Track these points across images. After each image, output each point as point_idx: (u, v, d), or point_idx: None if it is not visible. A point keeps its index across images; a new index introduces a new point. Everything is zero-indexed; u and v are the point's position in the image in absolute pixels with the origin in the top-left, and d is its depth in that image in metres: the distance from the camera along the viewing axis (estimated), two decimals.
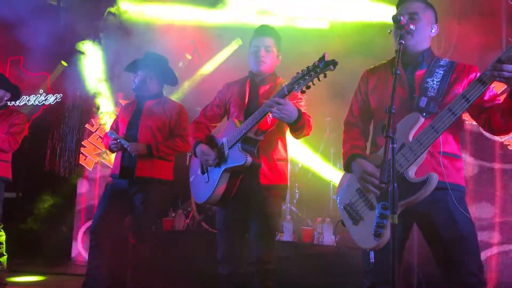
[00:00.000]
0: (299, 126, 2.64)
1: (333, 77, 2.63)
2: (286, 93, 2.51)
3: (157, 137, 3.67)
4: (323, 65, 2.35)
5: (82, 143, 6.97)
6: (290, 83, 2.49)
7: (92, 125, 6.96)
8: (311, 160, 5.36)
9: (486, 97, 2.13)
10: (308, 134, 2.79)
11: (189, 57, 6.49)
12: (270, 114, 2.61)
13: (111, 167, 3.88)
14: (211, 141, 2.96)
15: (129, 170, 3.59)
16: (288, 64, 3.14)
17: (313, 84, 2.43)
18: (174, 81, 4.00)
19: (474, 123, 2.65)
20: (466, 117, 2.73)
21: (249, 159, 2.64)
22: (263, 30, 2.97)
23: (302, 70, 2.44)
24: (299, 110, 2.59)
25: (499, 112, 2.07)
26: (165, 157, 3.67)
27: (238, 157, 2.68)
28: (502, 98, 2.10)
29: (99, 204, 3.72)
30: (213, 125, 3.15)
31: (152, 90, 3.81)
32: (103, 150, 6.76)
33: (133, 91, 3.88)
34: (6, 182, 4.23)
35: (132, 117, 3.75)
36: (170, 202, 5.20)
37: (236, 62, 5.68)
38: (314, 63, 2.40)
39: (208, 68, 6.49)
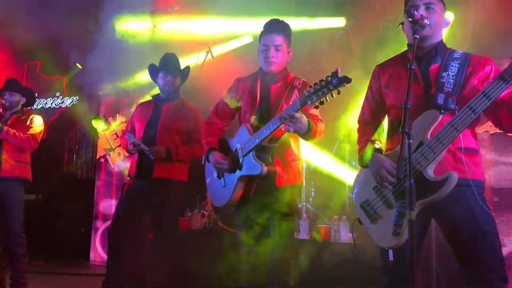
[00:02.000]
0: (310, 137, 2.64)
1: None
2: (299, 106, 2.47)
3: (175, 140, 3.69)
4: (336, 82, 2.27)
5: (98, 134, 7.03)
6: (303, 97, 2.43)
7: (115, 120, 7.00)
8: (325, 161, 5.31)
9: (501, 94, 2.02)
10: (320, 139, 2.77)
11: (202, 57, 6.50)
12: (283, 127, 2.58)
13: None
14: (225, 144, 2.94)
15: (147, 171, 3.61)
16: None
17: (327, 100, 2.36)
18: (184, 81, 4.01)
19: None
20: None
21: (265, 169, 2.63)
22: (273, 27, 2.86)
23: (315, 85, 2.38)
24: (310, 122, 2.56)
25: (507, 108, 2.04)
26: (182, 160, 3.69)
27: (253, 167, 2.67)
28: None
29: (117, 205, 3.75)
30: (225, 123, 3.08)
31: (176, 91, 3.85)
32: (112, 147, 6.84)
33: (161, 91, 3.88)
34: (26, 183, 4.30)
35: (151, 118, 3.77)
36: (186, 202, 5.22)
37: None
38: (326, 79, 2.32)
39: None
